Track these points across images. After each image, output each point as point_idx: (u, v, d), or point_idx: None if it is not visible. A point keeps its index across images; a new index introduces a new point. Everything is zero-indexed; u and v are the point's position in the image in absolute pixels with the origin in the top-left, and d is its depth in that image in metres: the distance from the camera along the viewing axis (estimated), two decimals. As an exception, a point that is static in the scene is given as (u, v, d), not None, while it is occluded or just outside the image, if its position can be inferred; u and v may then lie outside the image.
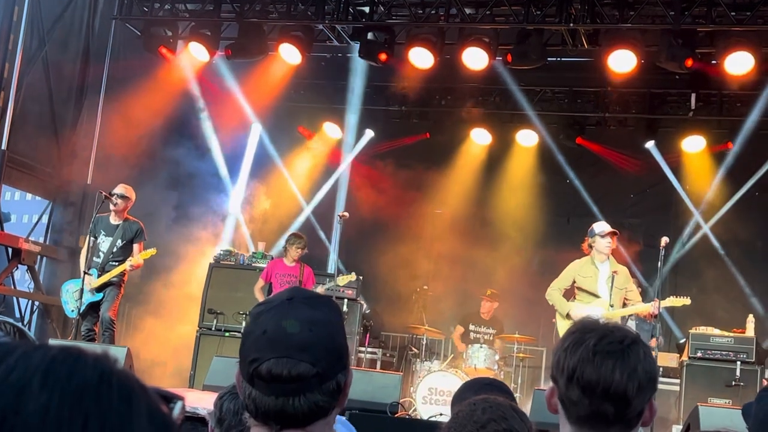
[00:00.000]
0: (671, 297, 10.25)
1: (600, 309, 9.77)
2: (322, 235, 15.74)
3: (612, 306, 9.78)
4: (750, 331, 12.15)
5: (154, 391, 0.88)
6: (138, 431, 0.82)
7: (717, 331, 12.10)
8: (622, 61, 12.08)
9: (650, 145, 15.01)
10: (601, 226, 10.26)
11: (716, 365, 11.84)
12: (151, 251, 10.94)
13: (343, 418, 2.26)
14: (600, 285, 9.91)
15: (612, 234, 10.12)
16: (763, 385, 10.43)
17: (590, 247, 10.19)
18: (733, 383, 11.43)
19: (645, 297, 10.95)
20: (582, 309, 9.86)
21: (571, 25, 12.15)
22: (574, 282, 10.19)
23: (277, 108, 15.90)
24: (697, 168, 14.82)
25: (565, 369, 2.25)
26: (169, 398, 2.01)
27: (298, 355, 2.02)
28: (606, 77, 12.96)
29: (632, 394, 2.19)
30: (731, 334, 12.05)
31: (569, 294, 10.28)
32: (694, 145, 14.64)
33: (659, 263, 9.82)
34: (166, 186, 14.48)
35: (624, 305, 10.09)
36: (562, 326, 10.01)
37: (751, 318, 12.28)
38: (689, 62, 11.75)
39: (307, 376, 2.02)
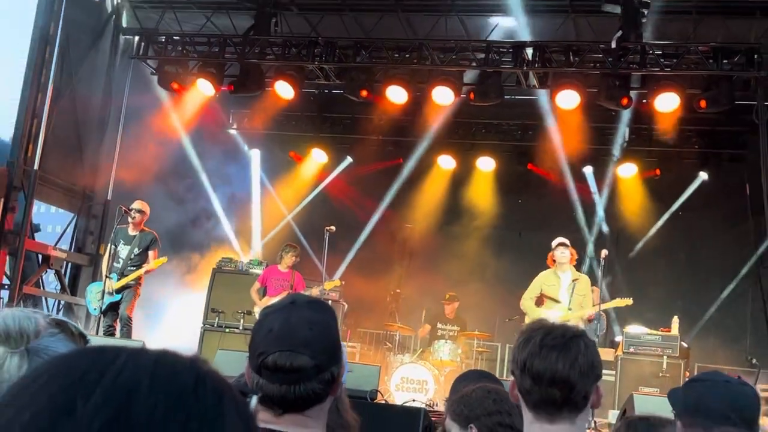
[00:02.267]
0: (617, 298, 10.23)
1: (559, 312, 9.80)
2: (306, 245, 15.64)
3: (570, 309, 9.77)
4: (674, 330, 12.22)
5: (236, 388, 0.88)
6: (229, 424, 0.82)
7: (646, 330, 12.16)
8: (567, 100, 12.16)
9: (587, 170, 15.08)
10: (554, 240, 10.29)
11: (646, 359, 11.90)
12: (163, 260, 10.89)
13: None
14: (561, 292, 9.91)
15: (560, 245, 10.13)
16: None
17: (554, 260, 10.19)
18: (660, 375, 11.50)
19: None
20: (547, 313, 9.91)
21: (525, 68, 12.24)
22: (541, 290, 10.21)
23: (272, 136, 15.90)
24: (629, 190, 14.90)
25: (519, 362, 2.29)
26: (246, 393, 2.02)
27: (300, 349, 2.06)
28: (554, 112, 13.04)
29: (575, 380, 2.23)
30: (659, 333, 12.11)
31: (538, 301, 10.31)
32: (627, 171, 14.72)
33: (600, 273, 9.86)
34: (176, 200, 14.42)
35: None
36: None
37: (675, 319, 12.35)
38: (624, 101, 11.85)
39: (306, 367, 2.05)
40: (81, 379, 0.78)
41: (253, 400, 1.79)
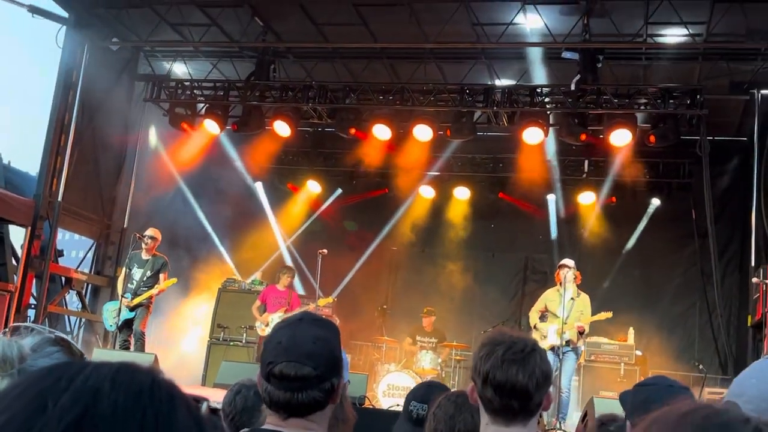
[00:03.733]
0: (601, 312, 10.14)
1: (556, 326, 9.76)
2: (303, 266, 15.58)
3: (565, 323, 9.70)
4: (630, 340, 12.24)
5: (188, 394, 0.93)
6: (180, 420, 0.86)
7: (606, 340, 12.16)
8: (533, 136, 12.19)
9: (550, 198, 15.10)
10: (565, 261, 10.19)
11: (605, 366, 11.89)
12: (172, 280, 10.80)
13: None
14: (559, 308, 9.80)
15: (563, 266, 10.07)
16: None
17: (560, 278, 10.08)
18: (618, 380, 11.48)
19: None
20: (542, 325, 9.97)
21: (495, 108, 12.29)
22: (545, 305, 10.15)
23: (272, 169, 15.88)
24: (589, 216, 14.91)
25: (481, 373, 2.26)
26: (198, 400, 2.02)
27: (304, 361, 2.07)
28: (521, 147, 13.07)
29: (533, 391, 2.22)
30: (616, 342, 12.13)
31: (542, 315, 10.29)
32: (587, 199, 14.74)
33: (563, 291, 9.82)
34: (186, 227, 14.38)
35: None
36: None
37: (631, 330, 12.37)
38: (583, 136, 11.91)
39: (309, 377, 2.06)
40: (52, 387, 0.84)
41: (204, 405, 1.81)
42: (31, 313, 12.20)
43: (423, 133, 12.69)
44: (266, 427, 2.14)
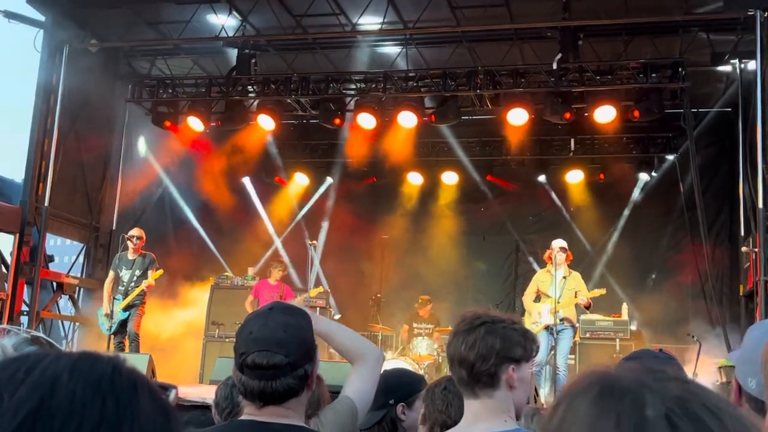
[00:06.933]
0: (594, 289, 10.17)
1: (550, 305, 9.78)
2: (294, 258, 15.55)
3: (558, 302, 9.73)
4: (624, 315, 12.29)
5: (154, 382, 0.92)
6: (143, 409, 0.84)
7: (600, 317, 12.20)
8: (517, 117, 12.20)
9: (542, 178, 15.14)
10: (556, 242, 10.16)
11: (601, 343, 11.94)
12: (159, 272, 10.76)
13: None
14: (552, 287, 9.82)
15: (549, 248, 10.10)
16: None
17: (550, 258, 10.03)
18: (614, 356, 11.52)
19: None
20: (535, 306, 9.99)
21: (478, 91, 12.28)
22: (538, 287, 10.16)
23: (259, 163, 15.84)
24: (578, 194, 14.96)
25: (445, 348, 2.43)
26: (166, 387, 2.04)
27: (275, 349, 2.08)
28: (506, 129, 13.08)
29: (473, 360, 2.27)
30: (611, 319, 12.17)
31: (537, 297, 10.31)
32: (575, 177, 14.78)
33: (554, 270, 9.85)
34: (175, 226, 14.36)
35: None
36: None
37: (624, 305, 12.42)
38: (567, 115, 11.93)
39: (281, 365, 2.08)
40: (9, 378, 0.82)
41: (172, 393, 1.83)
42: (24, 320, 12.17)
43: (407, 119, 12.68)
44: (244, 418, 2.17)
